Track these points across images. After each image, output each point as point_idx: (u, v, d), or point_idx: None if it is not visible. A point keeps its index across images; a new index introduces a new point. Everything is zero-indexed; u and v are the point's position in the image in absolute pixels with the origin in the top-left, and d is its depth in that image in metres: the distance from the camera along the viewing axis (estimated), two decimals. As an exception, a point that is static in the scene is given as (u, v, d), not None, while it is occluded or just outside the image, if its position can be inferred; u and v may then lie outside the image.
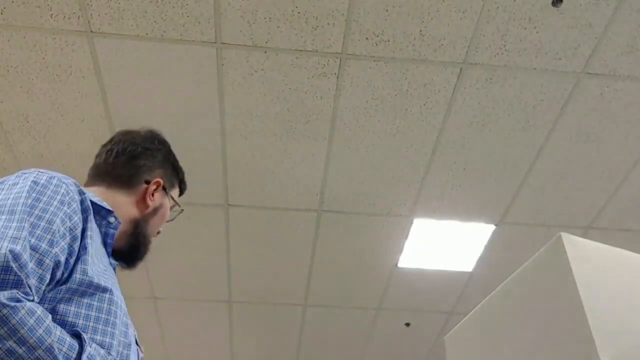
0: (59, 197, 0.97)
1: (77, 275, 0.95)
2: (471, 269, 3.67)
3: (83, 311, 0.94)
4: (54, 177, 1.01)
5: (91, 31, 2.32)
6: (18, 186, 0.96)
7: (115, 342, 0.96)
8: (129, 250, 1.20)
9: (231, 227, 3.31)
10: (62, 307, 0.92)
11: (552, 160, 2.93)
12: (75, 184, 1.05)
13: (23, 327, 0.79)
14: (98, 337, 0.93)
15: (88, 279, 0.96)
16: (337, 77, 2.53)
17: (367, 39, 2.38)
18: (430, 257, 3.58)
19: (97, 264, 1.01)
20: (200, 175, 2.97)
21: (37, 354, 0.80)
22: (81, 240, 0.98)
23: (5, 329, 0.78)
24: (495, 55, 2.45)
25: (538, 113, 2.69)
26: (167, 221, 1.32)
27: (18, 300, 0.80)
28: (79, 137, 2.75)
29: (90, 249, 0.99)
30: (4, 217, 0.88)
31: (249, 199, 3.12)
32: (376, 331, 4.20)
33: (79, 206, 1.01)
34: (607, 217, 3.27)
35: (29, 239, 0.87)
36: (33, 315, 0.81)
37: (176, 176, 1.35)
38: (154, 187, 1.25)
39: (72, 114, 2.64)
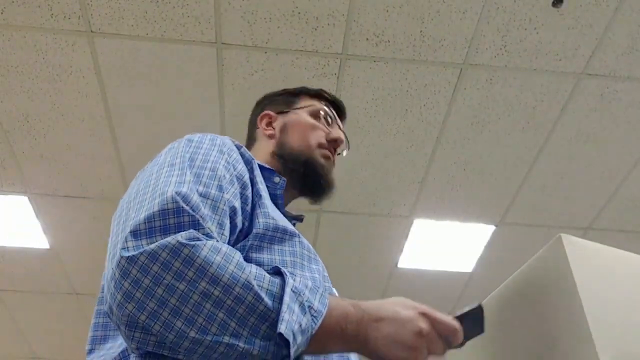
0: (216, 148, 0.90)
1: (259, 220, 0.85)
2: (471, 270, 3.67)
3: (277, 257, 0.83)
4: (208, 134, 0.95)
5: (91, 31, 2.32)
6: (174, 146, 0.89)
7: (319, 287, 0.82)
8: (302, 184, 1.12)
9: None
10: (253, 255, 0.81)
11: (552, 160, 2.93)
12: (232, 140, 0.99)
13: (211, 266, 0.68)
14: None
15: (273, 222, 0.85)
16: (337, 78, 2.53)
17: (367, 39, 2.38)
18: (430, 257, 3.58)
19: (276, 211, 0.92)
20: (200, 176, 2.97)
21: (235, 293, 0.68)
22: (252, 187, 0.88)
23: (193, 270, 0.67)
24: (495, 56, 2.45)
25: (538, 113, 2.69)
26: (330, 120, 1.20)
27: (198, 239, 0.69)
28: (79, 137, 2.75)
29: (264, 194, 0.90)
30: (164, 169, 0.80)
31: (249, 199, 3.12)
32: (376, 331, 4.20)
33: (240, 157, 0.93)
34: (607, 217, 3.26)
35: (196, 186, 0.76)
36: (218, 252, 0.69)
37: (290, 95, 1.22)
38: (265, 120, 1.18)
39: (72, 114, 2.64)
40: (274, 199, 0.98)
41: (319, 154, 1.14)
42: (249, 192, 0.87)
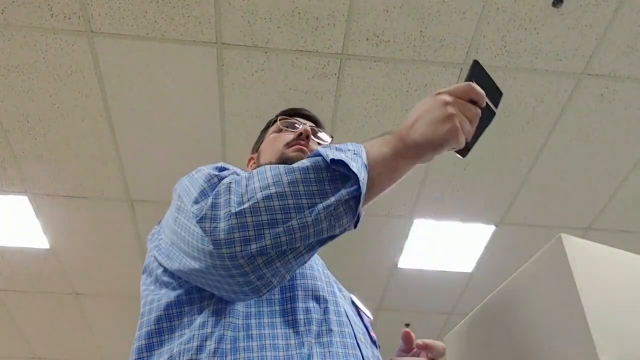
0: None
1: None
2: (471, 270, 3.67)
3: None
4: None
5: (91, 31, 2.32)
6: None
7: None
8: None
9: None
10: None
11: (552, 160, 2.93)
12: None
13: (271, 169, 0.77)
14: None
15: None
16: (338, 78, 2.53)
17: (367, 39, 2.38)
18: (430, 257, 3.58)
19: None
20: (200, 176, 2.97)
21: (301, 169, 0.76)
22: None
23: (267, 175, 0.76)
24: (495, 56, 2.45)
25: (538, 114, 2.69)
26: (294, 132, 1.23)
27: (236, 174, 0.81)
28: (79, 137, 2.75)
29: None
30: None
31: (249, 199, 3.12)
32: (376, 331, 4.19)
33: None
34: (607, 217, 3.26)
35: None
36: (264, 172, 0.77)
37: (261, 132, 1.34)
38: (250, 163, 1.29)
39: (72, 114, 2.64)
40: None
41: (289, 151, 1.16)
42: None
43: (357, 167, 0.74)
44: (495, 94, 0.84)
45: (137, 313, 1.09)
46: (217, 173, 0.85)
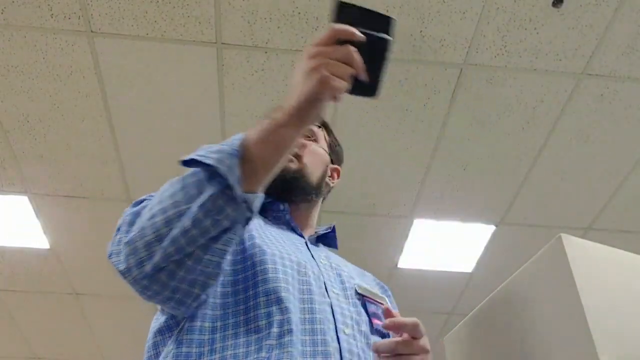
0: None
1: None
2: (471, 270, 3.67)
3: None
4: None
5: (91, 31, 2.32)
6: None
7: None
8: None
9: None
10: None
11: (552, 160, 2.93)
12: None
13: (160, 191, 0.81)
14: None
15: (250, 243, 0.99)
16: (337, 78, 2.52)
17: (367, 39, 2.38)
18: (430, 257, 3.58)
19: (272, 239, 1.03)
20: (200, 176, 2.97)
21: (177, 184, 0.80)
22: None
23: (157, 198, 0.80)
24: (495, 56, 2.45)
25: (538, 114, 2.69)
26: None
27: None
28: (79, 137, 2.75)
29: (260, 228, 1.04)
30: None
31: (249, 199, 3.12)
32: (376, 331, 4.20)
33: None
34: (607, 217, 3.26)
35: None
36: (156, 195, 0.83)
37: None
38: None
39: (72, 114, 2.64)
40: (286, 224, 1.10)
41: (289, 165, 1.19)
42: None
43: (218, 157, 0.75)
44: (378, 21, 0.78)
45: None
46: (128, 210, 0.87)
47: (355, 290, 1.01)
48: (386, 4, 2.26)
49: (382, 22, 0.78)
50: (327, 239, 1.20)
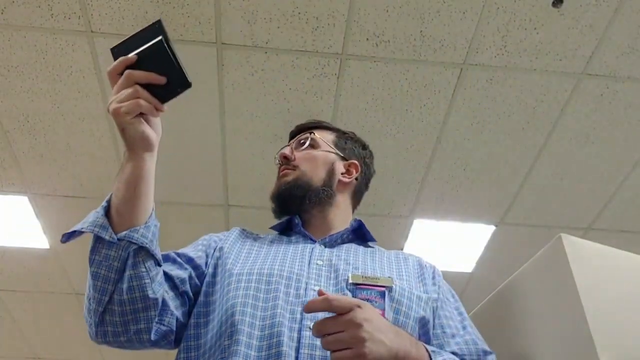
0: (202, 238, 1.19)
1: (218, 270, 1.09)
2: (471, 270, 3.67)
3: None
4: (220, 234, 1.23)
5: (91, 31, 2.32)
6: None
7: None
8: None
9: (231, 228, 3.31)
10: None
11: (552, 160, 2.93)
12: (239, 228, 1.30)
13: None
14: None
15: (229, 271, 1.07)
16: (337, 78, 2.53)
17: (367, 39, 2.38)
18: (430, 257, 3.57)
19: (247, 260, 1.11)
20: (200, 175, 2.97)
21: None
22: (221, 250, 1.13)
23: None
24: (495, 56, 2.45)
25: (538, 114, 2.69)
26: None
27: None
28: (79, 137, 2.75)
29: (235, 249, 1.15)
30: None
31: (249, 199, 3.12)
32: (376, 331, 4.19)
33: (230, 233, 1.22)
34: (607, 218, 3.26)
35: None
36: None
37: None
38: None
39: (72, 114, 2.64)
40: (304, 235, 1.17)
41: (276, 183, 1.28)
42: (210, 257, 1.11)
43: (88, 220, 0.95)
44: (146, 34, 0.86)
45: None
46: None
47: (347, 281, 1.02)
48: (386, 4, 2.26)
49: (150, 32, 0.86)
50: (356, 237, 1.21)
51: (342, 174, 1.23)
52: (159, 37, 0.84)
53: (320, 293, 0.84)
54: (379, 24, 2.33)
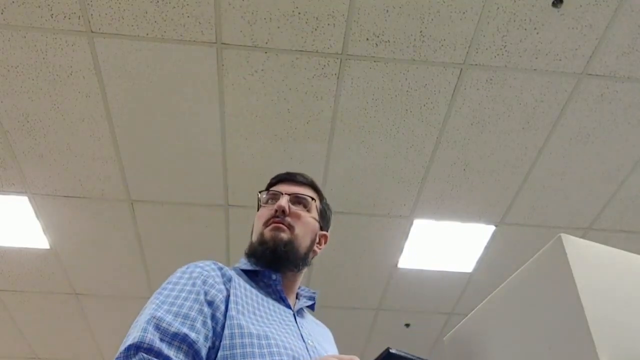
0: (190, 283, 1.05)
1: (226, 332, 1.01)
2: (471, 270, 3.67)
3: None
4: (196, 266, 1.10)
5: (91, 31, 2.32)
6: (170, 279, 1.09)
7: None
8: (265, 264, 1.23)
9: (231, 228, 3.31)
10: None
11: (552, 160, 2.93)
12: (215, 263, 1.14)
13: None
14: None
15: (239, 331, 1.03)
16: (337, 78, 2.53)
17: (367, 39, 2.38)
18: (430, 257, 3.58)
19: (255, 315, 1.09)
20: (200, 175, 2.97)
21: None
22: (226, 304, 1.05)
23: None
24: (495, 56, 2.45)
25: (538, 114, 2.69)
26: (266, 206, 1.29)
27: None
28: (79, 137, 2.75)
29: (242, 302, 1.08)
30: (151, 302, 1.04)
31: (249, 199, 3.12)
32: (376, 332, 4.20)
33: (220, 278, 1.09)
34: (607, 218, 3.27)
35: (162, 326, 0.98)
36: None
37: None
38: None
39: (72, 114, 2.64)
40: (276, 293, 1.17)
41: (266, 231, 1.22)
42: (219, 312, 1.02)
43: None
44: None
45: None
46: (151, 344, 0.96)
47: None
48: (386, 4, 2.26)
49: None
50: (307, 299, 1.29)
51: (316, 244, 1.29)
52: None
53: None
54: (379, 24, 2.33)
